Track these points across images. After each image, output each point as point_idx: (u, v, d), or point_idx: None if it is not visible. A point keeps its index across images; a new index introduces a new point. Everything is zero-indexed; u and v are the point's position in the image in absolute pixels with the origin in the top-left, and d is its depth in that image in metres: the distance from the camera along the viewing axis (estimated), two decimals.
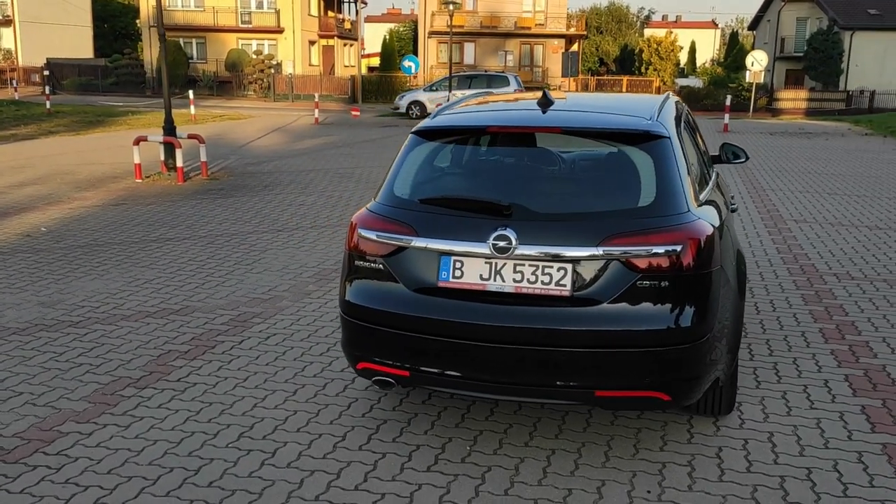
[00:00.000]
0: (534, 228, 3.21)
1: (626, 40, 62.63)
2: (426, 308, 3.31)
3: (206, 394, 4.32)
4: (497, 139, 3.73)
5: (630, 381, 3.17)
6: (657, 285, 3.13)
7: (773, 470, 3.47)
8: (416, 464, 3.55)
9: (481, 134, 3.67)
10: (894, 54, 42.03)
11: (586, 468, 3.49)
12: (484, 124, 3.65)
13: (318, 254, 7.62)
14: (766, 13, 51.38)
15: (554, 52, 45.27)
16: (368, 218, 3.54)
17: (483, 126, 3.65)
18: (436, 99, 28.29)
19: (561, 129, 3.50)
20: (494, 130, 3.61)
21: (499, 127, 3.62)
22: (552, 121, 3.59)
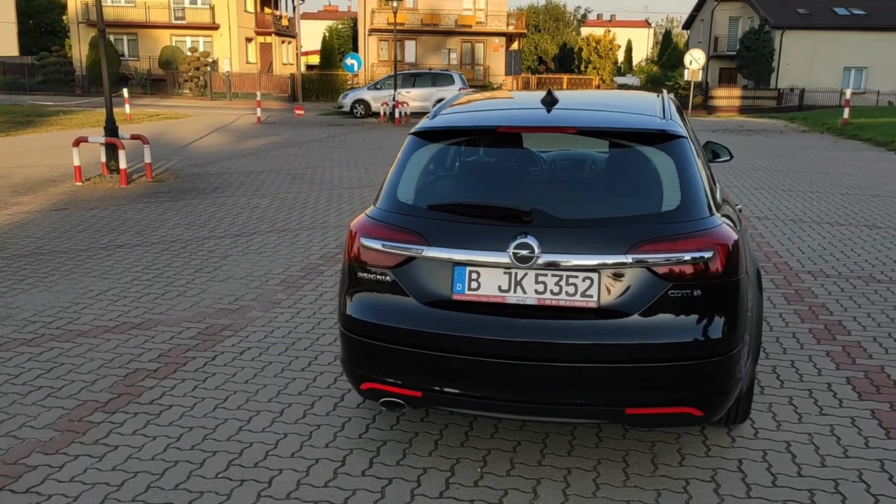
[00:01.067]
0: (556, 236, 2.99)
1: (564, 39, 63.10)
2: (440, 323, 3.06)
3: (185, 417, 3.98)
4: (506, 140, 3.49)
5: (662, 397, 2.98)
6: (689, 294, 2.95)
7: (800, 483, 3.33)
8: (427, 489, 3.30)
9: (490, 134, 3.42)
10: (822, 53, 43.30)
11: (607, 488, 3.29)
12: (493, 124, 3.40)
13: (281, 259, 7.27)
14: (699, 12, 52.43)
15: (495, 50, 45.31)
16: (371, 226, 3.27)
17: (493, 126, 3.40)
18: (381, 97, 27.95)
19: (577, 128, 3.28)
20: (505, 131, 3.37)
21: (509, 127, 3.38)
22: (565, 120, 3.38)
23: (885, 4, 44.14)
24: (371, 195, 11.01)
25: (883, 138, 19.41)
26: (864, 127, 22.64)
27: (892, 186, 12.01)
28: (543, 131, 3.41)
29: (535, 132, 3.43)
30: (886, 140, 18.99)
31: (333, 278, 6.62)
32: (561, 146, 3.55)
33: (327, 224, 8.99)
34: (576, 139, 3.52)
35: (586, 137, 3.45)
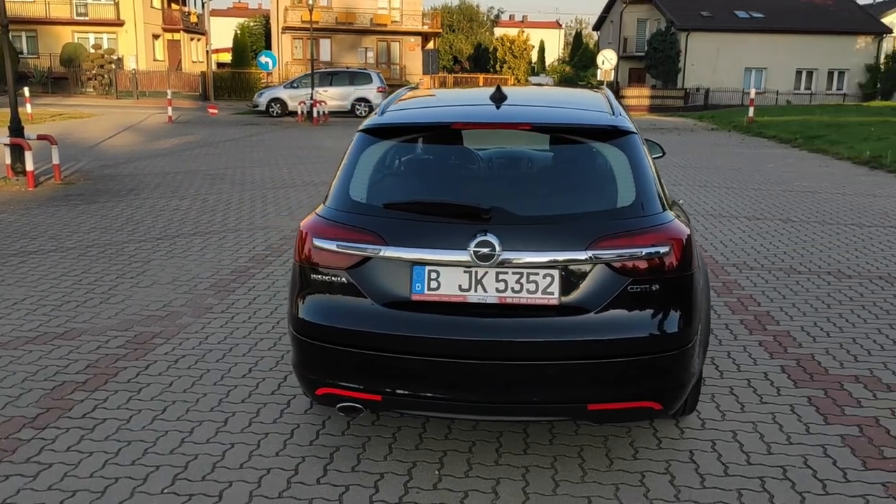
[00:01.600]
0: (516, 233, 2.96)
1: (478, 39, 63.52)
2: (399, 324, 2.99)
3: (122, 430, 3.78)
4: (458, 137, 3.44)
5: (623, 392, 2.99)
6: (647, 289, 2.97)
7: (750, 471, 3.41)
8: (386, 494, 3.22)
9: (443, 131, 3.36)
10: (725, 54, 44.94)
11: (566, 485, 3.29)
12: (447, 120, 3.35)
13: (208, 263, 7.03)
14: (609, 14, 53.69)
15: (411, 49, 45.27)
16: (323, 226, 3.17)
17: (446, 122, 3.34)
18: (298, 96, 27.48)
19: (531, 125, 3.27)
20: (459, 127, 3.32)
21: (464, 123, 3.33)
22: (517, 116, 3.36)
23: (781, 8, 46.22)
24: (296, 196, 10.82)
25: (786, 135, 20.30)
26: (767, 125, 23.62)
27: (800, 182, 12.55)
28: (497, 127, 3.38)
29: (489, 128, 3.39)
30: (790, 137, 19.86)
31: (266, 281, 6.44)
32: (512, 143, 3.53)
33: (253, 226, 8.76)
34: (526, 136, 3.49)
35: (537, 134, 3.44)
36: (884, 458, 3.50)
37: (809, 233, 8.44)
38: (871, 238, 8.18)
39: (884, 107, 29.10)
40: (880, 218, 9.37)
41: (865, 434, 3.74)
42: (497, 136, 3.49)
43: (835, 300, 5.93)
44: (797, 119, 24.55)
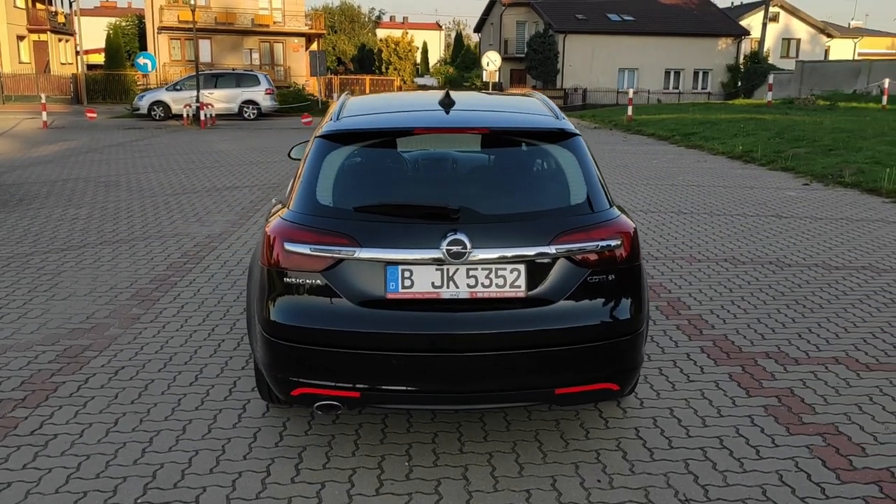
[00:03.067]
0: (484, 231, 3.15)
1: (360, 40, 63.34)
2: (376, 322, 3.12)
3: (77, 445, 3.72)
4: (418, 141, 3.60)
5: (586, 375, 3.23)
6: (604, 280, 3.22)
7: (692, 443, 3.73)
8: (362, 488, 3.34)
9: (405, 135, 3.50)
10: (600, 55, 46.78)
11: (531, 467, 3.51)
12: (409, 125, 3.48)
13: (124, 273, 6.86)
14: (489, 16, 54.83)
15: (295, 50, 44.70)
16: (293, 230, 3.24)
17: (408, 128, 3.48)
18: (182, 99, 26.69)
19: (489, 129, 3.46)
20: (422, 132, 3.46)
21: (426, 129, 3.48)
22: (474, 121, 3.55)
23: (649, 12, 48.58)
24: (201, 202, 10.61)
25: (664, 133, 21.40)
26: (646, 123, 24.80)
27: (684, 176, 13.33)
28: (459, 132, 3.55)
29: (451, 133, 3.55)
30: (668, 134, 20.95)
31: (190, 289, 6.36)
32: (466, 146, 3.69)
33: (163, 233, 8.56)
34: (472, 139, 3.65)
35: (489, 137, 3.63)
36: (804, 424, 3.90)
37: (701, 223, 9.04)
38: (756, 227, 8.86)
39: (748, 104, 31.09)
40: (761, 208, 10.13)
41: (784, 403, 4.14)
42: (452, 139, 3.65)
43: (735, 285, 6.44)
44: (672, 117, 25.89)
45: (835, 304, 5.89)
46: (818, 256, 7.43)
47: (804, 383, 4.41)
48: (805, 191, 11.66)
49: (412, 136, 3.46)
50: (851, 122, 19.83)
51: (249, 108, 28.32)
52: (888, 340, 5.10)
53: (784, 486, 3.32)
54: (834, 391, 4.30)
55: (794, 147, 15.68)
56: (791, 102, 28.42)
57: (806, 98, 28.80)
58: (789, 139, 16.99)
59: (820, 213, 9.79)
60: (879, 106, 26.02)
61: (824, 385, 4.38)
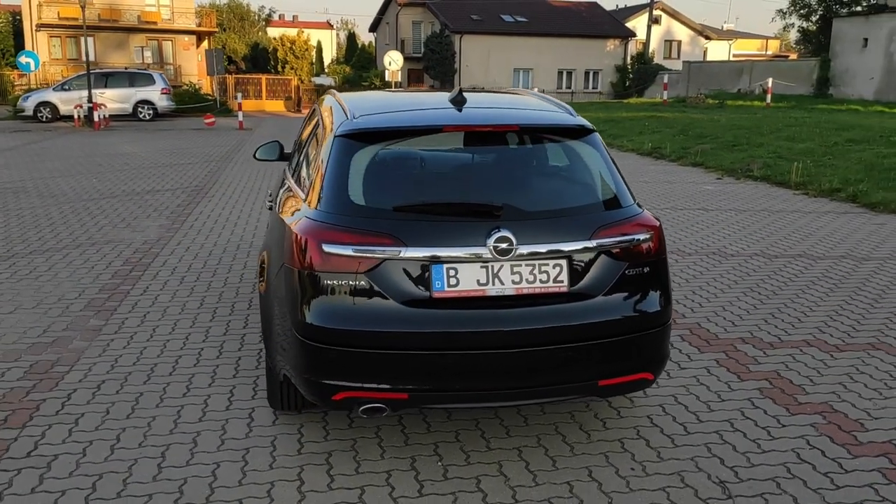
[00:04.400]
0: (527, 227, 3.17)
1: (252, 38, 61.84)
2: (423, 322, 3.08)
3: (84, 465, 3.50)
4: (444, 138, 3.57)
5: (626, 366, 3.31)
6: (640, 273, 3.31)
7: (705, 427, 3.87)
8: (404, 490, 3.29)
9: (433, 133, 3.47)
10: (495, 56, 47.48)
11: (563, 459, 3.55)
12: (438, 123, 3.45)
13: (68, 283, 6.48)
14: (384, 16, 54.68)
15: (185, 48, 43.22)
16: (330, 231, 3.16)
17: (438, 125, 3.45)
18: (71, 99, 25.38)
19: (519, 126, 3.49)
20: (451, 130, 3.44)
21: (455, 126, 3.46)
22: (502, 118, 3.56)
23: (541, 14, 49.74)
24: (124, 207, 10.14)
25: None
26: None
27: None
28: (489, 129, 3.54)
29: (481, 130, 3.54)
30: None
31: (146, 298, 6.08)
32: (490, 144, 3.67)
33: (94, 240, 8.13)
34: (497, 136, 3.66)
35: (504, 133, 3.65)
36: (800, 404, 4.12)
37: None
38: (689, 220, 9.24)
39: (644, 103, 32.35)
40: (687, 201, 10.58)
41: (776, 385, 4.36)
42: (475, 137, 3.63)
43: (690, 275, 6.70)
44: None
45: (786, 291, 6.23)
46: (755, 246, 7.84)
47: (786, 366, 4.65)
48: (720, 185, 12.25)
49: (440, 133, 3.43)
50: (745, 119, 20.95)
51: (145, 109, 27.24)
52: (845, 323, 5.44)
53: (804, 464, 3.50)
54: (816, 372, 4.55)
55: (700, 143, 16.42)
56: (684, 101, 29.75)
57: (697, 97, 30.21)
58: (693, 136, 17.79)
59: (741, 205, 10.31)
60: (764, 104, 27.61)
61: (805, 367, 4.63)
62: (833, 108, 25.59)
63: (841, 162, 13.11)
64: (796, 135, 16.66)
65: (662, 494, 3.26)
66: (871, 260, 7.27)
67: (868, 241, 8.14)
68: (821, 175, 12.04)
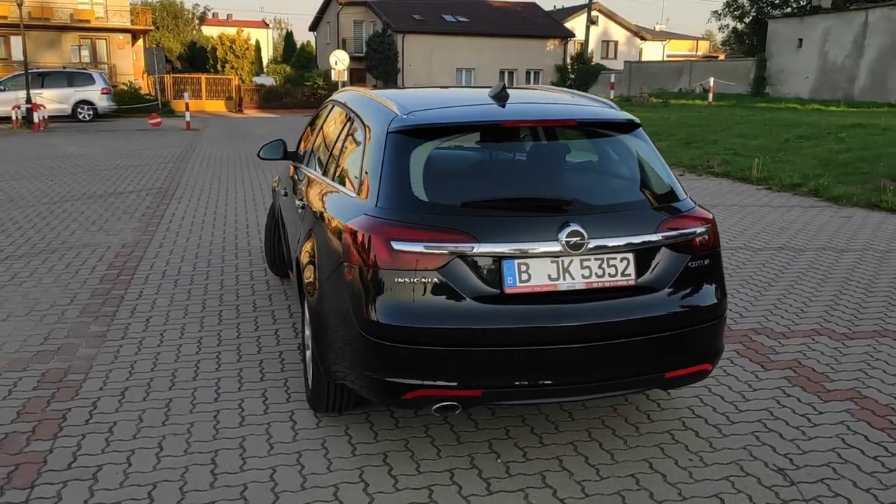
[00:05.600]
0: (595, 221, 3.18)
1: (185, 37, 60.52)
2: (495, 318, 3.07)
3: (133, 475, 3.37)
4: (501, 134, 3.56)
5: (690, 358, 3.35)
6: (700, 265, 3.36)
7: (747, 417, 3.95)
8: (472, 489, 3.27)
9: (493, 129, 3.46)
10: (438, 55, 47.54)
11: (620, 452, 3.58)
12: (498, 119, 3.44)
13: (56, 289, 6.24)
14: (325, 15, 54.20)
15: (120, 47, 42.02)
16: (399, 228, 3.11)
17: (498, 121, 3.44)
18: (6, 100, 24.46)
19: (576, 121, 3.50)
20: (511, 125, 3.43)
21: (515, 121, 3.45)
22: (558, 113, 3.58)
23: (482, 14, 50.04)
24: (89, 209, 9.83)
25: None
26: None
27: None
28: (548, 124, 3.55)
29: (541, 125, 3.54)
30: None
31: (144, 302, 5.90)
32: (541, 139, 3.67)
33: (70, 244, 7.84)
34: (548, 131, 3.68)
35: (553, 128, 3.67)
36: (829, 391, 4.24)
37: None
38: None
39: None
40: None
41: (801, 374, 4.48)
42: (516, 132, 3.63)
43: None
44: None
45: (780, 282, 6.41)
46: (738, 239, 8.04)
47: (804, 355, 4.78)
48: (684, 181, 12.50)
49: (500, 128, 3.42)
50: (693, 117, 21.47)
51: (85, 109, 26.43)
52: (847, 312, 5.63)
53: (852, 449, 3.60)
54: (834, 360, 4.69)
55: (656, 141, 16.73)
56: (629, 100, 30.29)
57: (641, 96, 30.81)
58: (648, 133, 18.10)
59: (711, 200, 10.55)
60: (706, 103, 28.33)
61: (822, 355, 4.77)
62: (773, 107, 26.44)
63: (796, 158, 13.55)
64: (747, 132, 17.15)
65: (727, 483, 3.31)
66: (850, 251, 7.53)
67: (841, 233, 8.43)
68: (780, 171, 12.41)
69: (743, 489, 3.26)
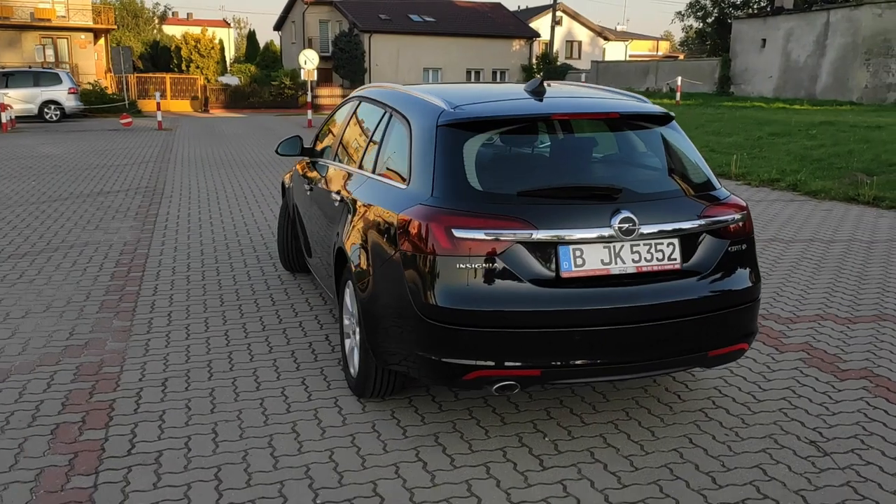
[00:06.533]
0: (644, 207, 3.36)
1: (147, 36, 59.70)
2: (553, 301, 3.22)
3: (196, 458, 3.46)
4: (546, 126, 3.73)
5: (730, 337, 3.54)
6: (738, 250, 3.56)
7: (772, 395, 4.16)
8: (526, 465, 3.42)
9: (541, 121, 3.63)
10: (405, 55, 47.64)
11: (660, 429, 3.76)
12: (547, 112, 3.61)
13: (69, 286, 6.25)
14: (290, 14, 53.93)
15: (83, 47, 41.35)
16: (460, 217, 3.25)
17: (547, 113, 3.61)
18: None
19: (619, 113, 3.68)
20: (559, 118, 3.60)
21: (563, 114, 3.62)
22: (600, 107, 3.76)
23: (448, 14, 50.24)
24: (81, 208, 9.79)
25: None
26: None
27: None
28: (593, 117, 3.71)
29: (586, 118, 3.71)
30: None
31: (161, 298, 5.95)
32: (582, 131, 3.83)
33: (70, 243, 7.82)
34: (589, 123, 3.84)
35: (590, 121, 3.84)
36: (844, 371, 4.48)
37: None
38: None
39: None
40: None
41: (814, 356, 4.71)
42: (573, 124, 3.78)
43: None
44: None
45: (778, 271, 6.67)
46: None
47: (814, 338, 5.02)
48: None
49: (549, 121, 3.58)
50: None
51: (52, 109, 26.02)
52: (846, 298, 5.90)
53: (874, 422, 3.83)
54: (842, 342, 4.94)
55: None
56: None
57: None
58: None
59: None
60: (674, 102, 28.82)
61: (830, 338, 5.01)
62: (739, 105, 27.04)
63: (771, 154, 13.95)
64: (720, 130, 17.58)
65: (765, 455, 3.51)
66: (837, 242, 7.85)
67: (825, 225, 8.76)
68: (757, 167, 12.78)
69: (781, 460, 3.46)
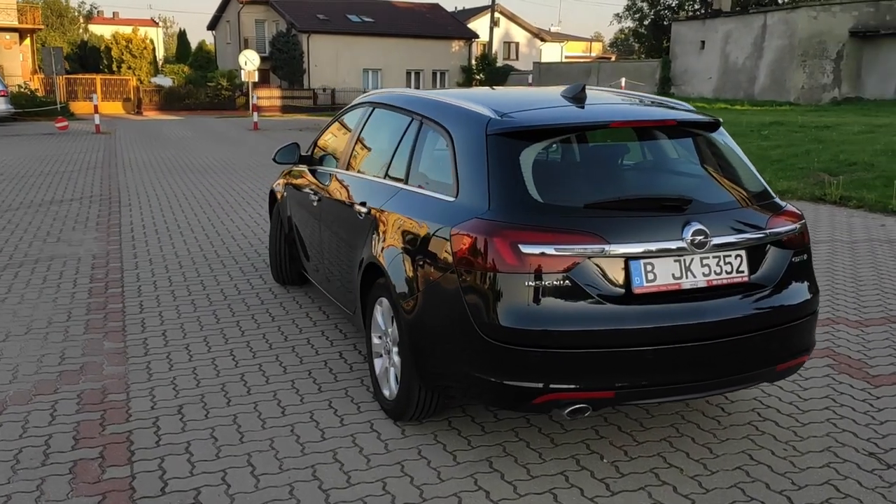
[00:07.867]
0: (713, 219, 3.23)
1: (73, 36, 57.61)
2: (625, 318, 3.07)
3: (239, 496, 3.20)
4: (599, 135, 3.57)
5: (796, 349, 3.45)
6: (801, 260, 3.47)
7: (814, 404, 4.10)
8: (593, 490, 3.27)
9: (599, 129, 3.47)
10: (344, 56, 47.15)
11: (716, 445, 3.66)
12: (604, 119, 3.46)
13: (45, 305, 5.84)
14: (224, 13, 52.76)
15: (7, 47, 39.64)
16: (524, 231, 3.07)
17: (605, 122, 3.45)
18: None
19: (676, 121, 3.55)
20: (618, 125, 3.45)
21: (622, 122, 3.47)
22: (655, 114, 3.63)
23: (387, 14, 49.95)
24: (37, 219, 9.30)
25: None
26: None
27: None
28: (649, 124, 3.57)
29: (643, 125, 3.57)
30: None
31: (151, 317, 5.60)
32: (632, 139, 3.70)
33: (34, 257, 7.35)
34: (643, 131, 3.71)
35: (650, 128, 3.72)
36: (874, 377, 4.46)
37: None
38: None
39: None
40: None
41: (840, 362, 4.68)
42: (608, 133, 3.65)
43: None
44: None
45: None
46: None
47: (833, 343, 5.01)
48: None
49: (608, 129, 3.43)
50: None
51: None
52: (851, 301, 5.94)
53: None
54: (863, 346, 4.94)
55: None
56: None
57: None
58: None
59: None
60: None
61: (849, 343, 5.01)
62: None
63: None
64: None
65: (830, 471, 3.42)
66: (820, 243, 7.93)
67: None
68: None
69: (849, 475, 3.39)
